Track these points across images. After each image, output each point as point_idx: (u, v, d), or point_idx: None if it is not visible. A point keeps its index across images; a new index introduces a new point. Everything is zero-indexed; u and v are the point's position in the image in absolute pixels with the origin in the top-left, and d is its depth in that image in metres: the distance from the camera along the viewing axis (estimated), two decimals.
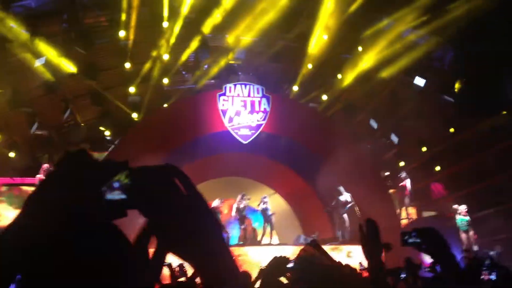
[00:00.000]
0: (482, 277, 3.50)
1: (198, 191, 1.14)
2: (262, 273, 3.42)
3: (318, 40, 15.06)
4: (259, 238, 15.30)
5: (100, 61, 15.07)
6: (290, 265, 3.25)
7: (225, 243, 1.15)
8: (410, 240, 2.28)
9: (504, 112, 14.31)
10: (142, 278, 1.22)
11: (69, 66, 13.97)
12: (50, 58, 13.45)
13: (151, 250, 1.20)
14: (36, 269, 1.06)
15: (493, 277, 3.50)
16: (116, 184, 1.13)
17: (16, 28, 12.23)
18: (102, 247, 1.12)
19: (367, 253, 2.41)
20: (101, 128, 16.76)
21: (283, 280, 3.29)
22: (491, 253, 14.46)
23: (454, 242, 13.67)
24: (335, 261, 3.80)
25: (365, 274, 8.07)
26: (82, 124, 16.84)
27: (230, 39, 14.95)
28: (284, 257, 3.32)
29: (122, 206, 1.12)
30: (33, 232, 1.07)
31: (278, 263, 3.22)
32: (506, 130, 14.90)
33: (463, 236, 14.45)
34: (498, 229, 15.34)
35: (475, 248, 14.40)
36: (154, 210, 1.11)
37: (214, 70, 15.74)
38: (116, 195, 1.12)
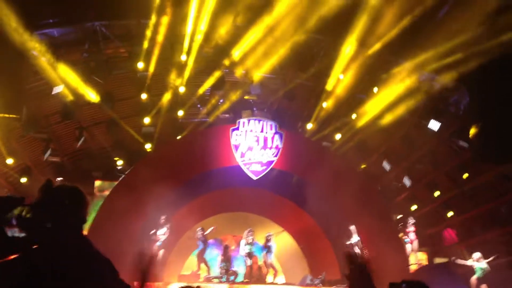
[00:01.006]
0: None
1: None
2: None
3: (334, 79, 15.14)
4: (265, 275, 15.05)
5: (117, 91, 15.26)
6: None
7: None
8: None
9: None
10: None
11: (90, 94, 14.13)
12: (69, 85, 13.63)
13: None
14: None
15: None
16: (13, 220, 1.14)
17: (38, 53, 12.44)
18: None
19: None
20: (114, 158, 16.83)
21: None
22: None
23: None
24: None
25: None
26: (95, 153, 16.94)
27: (246, 75, 15.11)
28: None
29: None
30: None
31: None
32: None
33: (474, 283, 14.09)
34: (509, 280, 14.96)
35: None
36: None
37: (229, 104, 15.84)
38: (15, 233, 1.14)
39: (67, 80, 13.50)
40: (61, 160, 16.35)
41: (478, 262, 14.25)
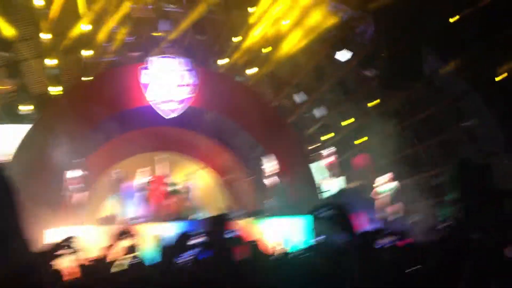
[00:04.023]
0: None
1: None
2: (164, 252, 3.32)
3: (242, 12, 14.98)
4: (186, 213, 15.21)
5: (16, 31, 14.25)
6: (194, 241, 3.21)
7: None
8: (321, 215, 2.33)
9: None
10: None
11: None
12: None
13: None
14: None
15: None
16: None
17: None
18: None
19: None
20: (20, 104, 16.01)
21: None
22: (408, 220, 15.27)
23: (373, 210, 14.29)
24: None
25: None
26: None
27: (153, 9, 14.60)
28: (186, 233, 3.27)
29: None
30: None
31: (180, 241, 3.16)
32: (422, 102, 15.63)
33: (384, 203, 15.07)
34: (415, 199, 16.15)
35: (393, 216, 15.10)
36: None
37: (137, 42, 15.30)
38: None
39: None
40: None
41: (386, 183, 15.23)
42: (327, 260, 4.18)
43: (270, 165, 14.86)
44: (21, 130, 13.89)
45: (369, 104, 17.08)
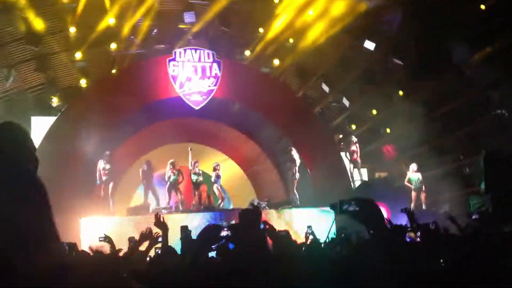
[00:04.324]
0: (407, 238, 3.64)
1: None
2: (193, 243, 3.33)
3: (269, 3, 14.91)
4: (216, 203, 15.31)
5: (44, 25, 14.47)
6: (224, 233, 3.21)
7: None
8: (350, 209, 2.31)
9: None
10: None
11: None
12: None
13: None
14: None
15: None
16: None
17: None
18: None
19: None
20: (50, 96, 16.31)
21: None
22: (439, 211, 15.10)
23: (404, 201, 14.12)
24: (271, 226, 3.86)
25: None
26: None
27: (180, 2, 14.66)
28: (217, 225, 3.28)
29: None
30: None
31: (210, 232, 3.16)
32: (451, 93, 15.33)
33: (414, 194, 14.92)
34: (444, 189, 15.93)
35: (424, 207, 14.95)
36: None
37: (163, 34, 15.38)
38: None
39: None
40: None
41: (414, 173, 15.07)
42: (351, 253, 4.17)
43: (296, 156, 14.81)
44: (50, 122, 14.14)
45: (397, 94, 16.84)
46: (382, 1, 14.21)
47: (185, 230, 8.15)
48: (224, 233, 3.21)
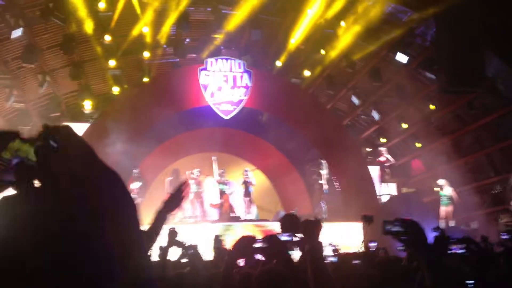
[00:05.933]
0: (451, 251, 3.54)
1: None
2: (227, 254, 3.28)
3: (301, 14, 14.89)
4: (238, 213, 15.27)
5: (79, 33, 14.75)
6: (258, 245, 3.15)
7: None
8: (393, 229, 2.25)
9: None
10: None
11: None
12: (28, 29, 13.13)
13: None
14: None
15: (462, 251, 3.55)
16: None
17: None
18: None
19: None
20: (81, 103, 16.56)
21: None
22: (468, 228, 14.80)
23: (432, 217, 13.89)
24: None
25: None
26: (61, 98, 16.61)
27: (212, 12, 14.76)
28: (252, 236, 3.23)
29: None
30: None
31: (245, 243, 3.12)
32: (484, 108, 15.05)
33: (442, 210, 14.67)
34: (475, 206, 15.62)
35: (452, 223, 14.66)
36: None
37: (195, 44, 15.51)
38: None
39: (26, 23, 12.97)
40: (25, 107, 15.97)
41: (443, 189, 14.81)
42: (382, 271, 4.09)
43: (324, 167, 14.71)
44: (82, 129, 14.34)
45: (428, 108, 16.62)
46: (416, 13, 14.09)
47: (218, 239, 8.12)
48: (257, 244, 3.16)
